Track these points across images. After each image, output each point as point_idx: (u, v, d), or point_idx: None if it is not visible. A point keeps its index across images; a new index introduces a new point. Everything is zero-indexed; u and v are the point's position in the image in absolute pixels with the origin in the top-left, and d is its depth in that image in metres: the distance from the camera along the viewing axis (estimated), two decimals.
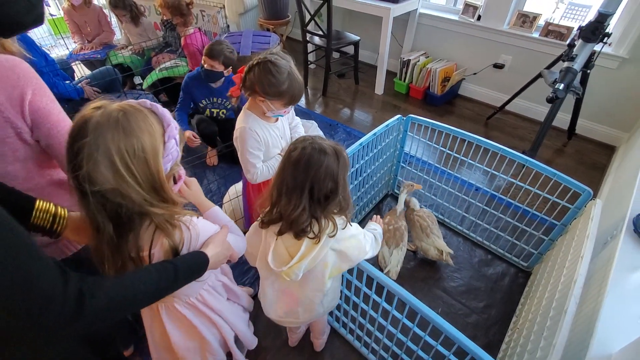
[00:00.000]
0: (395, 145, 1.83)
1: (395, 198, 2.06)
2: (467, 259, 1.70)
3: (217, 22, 3.05)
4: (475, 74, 2.87)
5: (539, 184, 1.44)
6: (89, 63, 2.91)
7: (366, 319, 1.18)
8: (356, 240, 0.91)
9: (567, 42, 1.96)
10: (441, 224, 1.88)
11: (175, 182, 0.76)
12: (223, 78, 1.98)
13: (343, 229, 0.87)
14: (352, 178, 1.62)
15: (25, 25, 0.54)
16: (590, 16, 1.87)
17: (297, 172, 0.79)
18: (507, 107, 2.63)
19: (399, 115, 1.69)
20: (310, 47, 3.13)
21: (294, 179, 0.79)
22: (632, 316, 0.83)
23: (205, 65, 1.89)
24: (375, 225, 1.10)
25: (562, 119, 2.46)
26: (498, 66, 2.72)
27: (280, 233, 0.85)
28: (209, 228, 0.82)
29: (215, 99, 2.08)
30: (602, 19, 1.73)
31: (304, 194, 0.79)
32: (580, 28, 1.85)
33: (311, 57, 3.41)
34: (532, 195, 1.48)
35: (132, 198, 0.62)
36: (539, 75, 2.24)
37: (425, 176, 1.82)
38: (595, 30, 1.75)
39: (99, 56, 2.80)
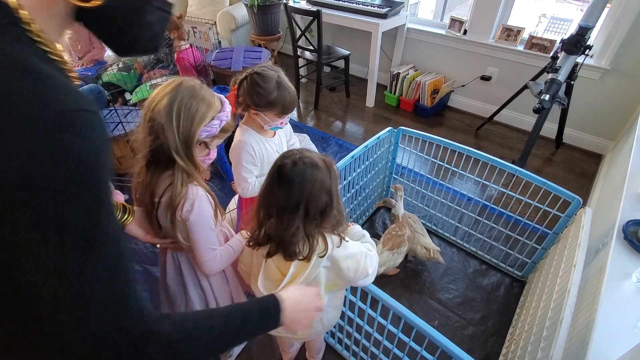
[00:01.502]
0: (387, 157, 1.84)
1: (389, 210, 2.06)
2: (462, 269, 1.70)
3: (208, 39, 3.09)
4: (463, 86, 2.93)
5: (529, 193, 1.45)
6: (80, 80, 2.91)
7: (362, 334, 1.16)
8: (354, 262, 0.84)
9: (551, 54, 2.02)
10: (434, 234, 1.88)
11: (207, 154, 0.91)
12: None
13: (338, 246, 0.82)
14: (344, 190, 1.63)
15: (144, 51, 0.52)
16: (572, 29, 1.93)
17: (291, 190, 0.74)
18: (496, 118, 2.68)
19: (389, 128, 1.71)
20: (301, 62, 3.18)
21: (288, 198, 0.74)
22: (628, 324, 0.83)
23: None
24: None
25: (550, 129, 2.52)
26: (485, 78, 2.78)
27: (269, 255, 0.81)
28: (207, 209, 0.88)
29: None
30: (582, 32, 1.79)
31: (299, 212, 0.74)
32: (562, 41, 1.91)
33: (303, 72, 3.46)
34: (523, 204, 1.49)
35: (169, 138, 0.77)
36: (525, 87, 2.29)
37: (417, 187, 1.83)
38: (576, 43, 1.80)
39: (90, 73, 2.80)
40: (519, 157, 2.20)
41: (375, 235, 1.89)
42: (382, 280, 1.62)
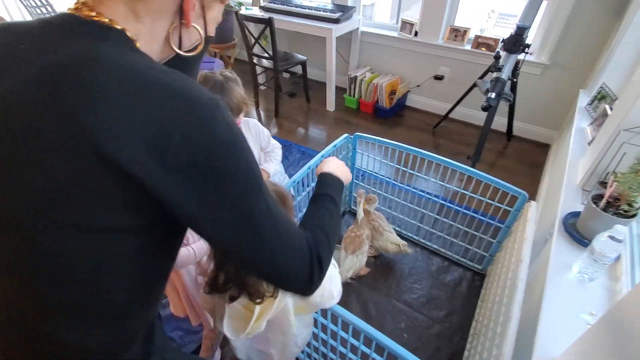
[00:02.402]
0: (347, 163, 1.85)
1: (353, 214, 2.07)
2: (426, 267, 1.73)
3: None
4: (418, 86, 3.01)
5: (482, 189, 1.50)
6: None
7: (337, 354, 1.14)
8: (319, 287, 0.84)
9: (494, 54, 2.11)
10: (398, 235, 1.91)
11: None
12: None
13: None
14: (306, 198, 1.62)
15: None
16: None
17: None
18: (451, 115, 2.77)
19: (346, 135, 1.71)
20: (259, 69, 3.13)
21: None
22: (571, 316, 0.87)
23: None
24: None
25: (501, 123, 2.64)
26: (438, 77, 2.87)
27: (232, 299, 0.75)
28: None
29: None
30: (520, 32, 1.89)
31: None
32: (503, 40, 2.00)
33: (261, 79, 3.41)
34: (477, 200, 1.54)
35: None
36: (474, 85, 2.39)
37: (378, 191, 1.85)
38: (515, 43, 1.90)
39: None
40: (474, 153, 2.29)
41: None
42: (352, 285, 1.63)
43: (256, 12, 3.00)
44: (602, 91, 1.67)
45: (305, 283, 0.51)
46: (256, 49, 2.83)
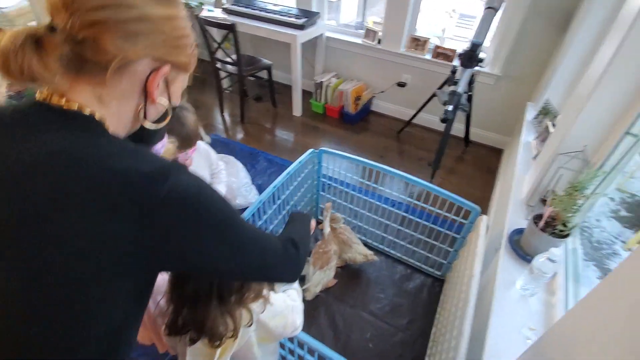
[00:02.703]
0: (313, 176, 1.88)
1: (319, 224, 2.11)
2: (390, 276, 1.81)
3: None
4: (382, 92, 3.09)
5: (440, 201, 1.59)
6: None
7: None
8: (281, 318, 0.84)
9: (451, 69, 2.21)
10: (365, 245, 1.97)
11: None
12: None
13: (262, 312, 0.80)
14: (276, 212, 1.63)
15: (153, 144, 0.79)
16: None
17: (198, 280, 0.69)
18: (414, 121, 2.87)
19: (311, 150, 1.74)
20: (223, 73, 3.07)
21: (195, 290, 0.69)
22: (515, 331, 0.96)
23: None
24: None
25: (459, 129, 2.77)
26: (401, 84, 2.96)
27: (192, 342, 0.75)
28: None
29: None
30: (474, 48, 1.99)
31: (212, 301, 0.69)
32: (459, 55, 2.11)
33: (226, 82, 3.34)
34: (435, 212, 1.63)
35: None
36: (434, 95, 2.49)
37: (344, 202, 1.90)
38: (470, 58, 2.01)
39: None
40: (434, 160, 2.40)
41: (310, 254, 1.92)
42: (320, 297, 1.67)
43: (218, 14, 2.92)
44: (546, 107, 1.81)
45: (289, 270, 0.66)
46: (219, 53, 2.76)
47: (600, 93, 1.04)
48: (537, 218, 1.12)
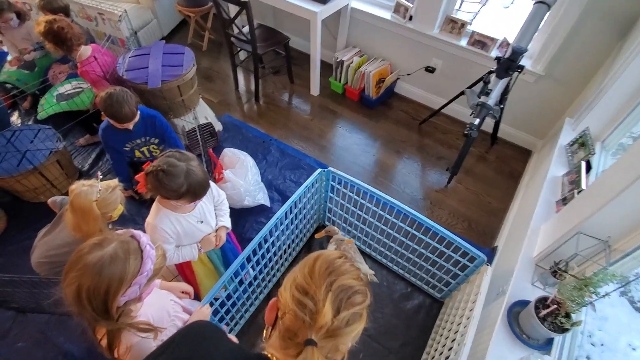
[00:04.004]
0: (321, 191, 1.84)
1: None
2: (389, 294, 1.85)
3: (120, 28, 2.64)
4: (409, 74, 2.83)
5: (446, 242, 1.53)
6: None
7: None
8: None
9: (484, 77, 1.97)
10: (368, 256, 1.99)
11: None
12: (135, 118, 1.76)
13: None
14: (283, 218, 1.62)
15: None
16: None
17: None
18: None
19: (319, 170, 1.67)
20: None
21: None
22: None
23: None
24: None
25: (488, 123, 2.56)
26: (429, 70, 2.69)
27: None
28: (145, 351, 0.89)
29: (137, 140, 1.89)
30: (515, 56, 1.74)
31: None
32: (497, 59, 1.85)
33: (243, 54, 3.14)
34: (445, 243, 1.56)
35: (87, 319, 0.80)
36: (463, 93, 2.26)
37: (352, 208, 1.80)
38: (508, 69, 1.76)
39: None
40: (453, 165, 2.27)
41: None
42: None
43: None
44: (584, 137, 1.62)
45: None
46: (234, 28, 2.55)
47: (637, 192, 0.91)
48: (541, 302, 1.08)
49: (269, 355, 0.62)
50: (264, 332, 0.68)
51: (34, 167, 1.93)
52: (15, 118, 2.69)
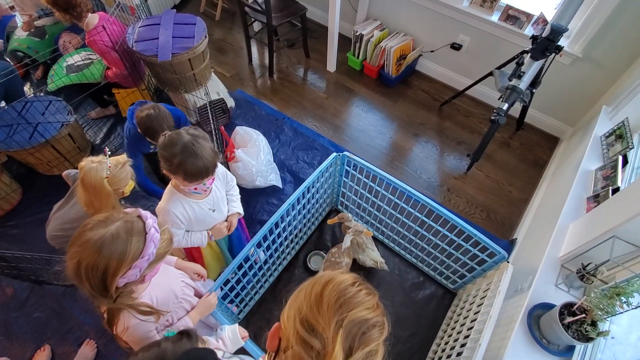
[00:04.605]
0: (335, 175, 1.77)
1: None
2: (400, 282, 1.82)
3: None
4: (432, 51, 2.66)
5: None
6: None
7: None
8: None
9: (518, 59, 1.81)
10: (380, 243, 1.94)
11: None
12: None
13: None
14: (296, 203, 1.58)
15: None
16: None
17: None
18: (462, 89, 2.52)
19: (334, 154, 1.60)
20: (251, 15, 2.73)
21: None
22: None
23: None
24: None
25: (515, 107, 2.40)
26: (455, 47, 2.51)
27: None
28: (140, 331, 0.91)
29: None
30: (553, 36, 1.58)
31: None
32: (534, 39, 1.69)
33: (257, 25, 3.00)
34: (464, 236, 1.49)
35: (86, 293, 0.78)
36: (491, 74, 2.11)
37: (367, 194, 1.74)
38: (545, 50, 1.61)
39: None
40: (475, 152, 2.16)
41: (324, 246, 1.93)
42: None
43: None
44: (621, 127, 1.49)
45: None
46: None
47: None
48: (566, 308, 1.01)
49: None
50: (266, 356, 0.61)
51: (46, 141, 1.91)
52: (27, 88, 2.66)
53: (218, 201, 1.31)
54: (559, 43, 1.65)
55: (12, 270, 1.53)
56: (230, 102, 2.42)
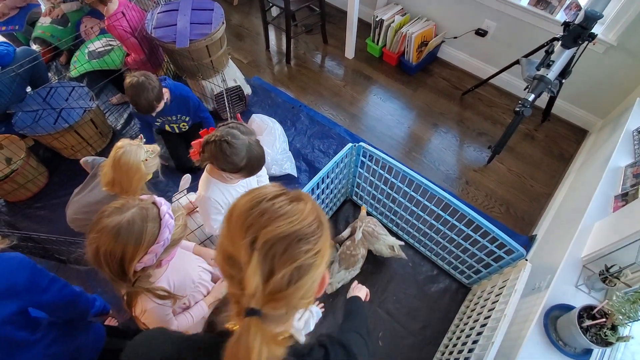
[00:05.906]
0: (351, 165, 1.75)
1: (354, 204, 2.06)
2: (413, 275, 1.80)
3: None
4: (455, 38, 2.56)
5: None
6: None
7: None
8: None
9: (547, 47, 1.71)
10: (395, 234, 1.92)
11: None
12: (164, 100, 1.71)
13: None
14: (310, 192, 1.59)
15: None
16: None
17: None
18: (485, 78, 2.42)
19: (350, 145, 1.58)
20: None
21: None
22: None
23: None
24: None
25: (542, 98, 2.29)
26: (480, 33, 2.40)
27: None
28: (157, 317, 0.94)
29: (169, 117, 1.86)
30: (587, 23, 1.48)
31: None
32: (566, 25, 1.60)
33: (275, 10, 2.95)
34: (481, 232, 1.46)
35: (106, 276, 0.80)
36: (517, 62, 2.02)
37: (382, 185, 1.71)
38: (577, 38, 1.52)
39: (17, 27, 2.38)
40: (497, 144, 2.09)
41: (337, 231, 1.93)
42: (340, 288, 1.74)
43: None
44: None
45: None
46: None
47: None
48: (586, 310, 0.98)
49: (231, 327, 0.52)
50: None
51: (69, 126, 1.96)
52: (51, 74, 2.73)
53: (252, 184, 1.35)
54: (592, 30, 1.55)
55: (39, 250, 1.61)
56: (247, 90, 2.41)
